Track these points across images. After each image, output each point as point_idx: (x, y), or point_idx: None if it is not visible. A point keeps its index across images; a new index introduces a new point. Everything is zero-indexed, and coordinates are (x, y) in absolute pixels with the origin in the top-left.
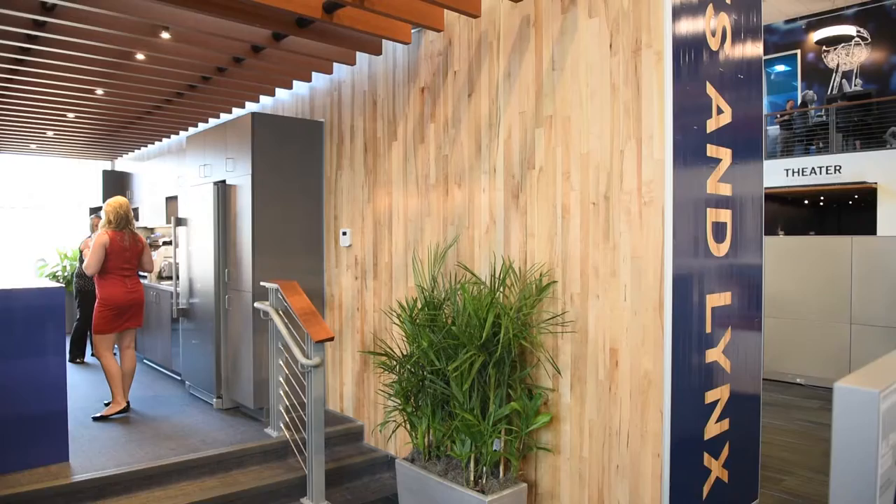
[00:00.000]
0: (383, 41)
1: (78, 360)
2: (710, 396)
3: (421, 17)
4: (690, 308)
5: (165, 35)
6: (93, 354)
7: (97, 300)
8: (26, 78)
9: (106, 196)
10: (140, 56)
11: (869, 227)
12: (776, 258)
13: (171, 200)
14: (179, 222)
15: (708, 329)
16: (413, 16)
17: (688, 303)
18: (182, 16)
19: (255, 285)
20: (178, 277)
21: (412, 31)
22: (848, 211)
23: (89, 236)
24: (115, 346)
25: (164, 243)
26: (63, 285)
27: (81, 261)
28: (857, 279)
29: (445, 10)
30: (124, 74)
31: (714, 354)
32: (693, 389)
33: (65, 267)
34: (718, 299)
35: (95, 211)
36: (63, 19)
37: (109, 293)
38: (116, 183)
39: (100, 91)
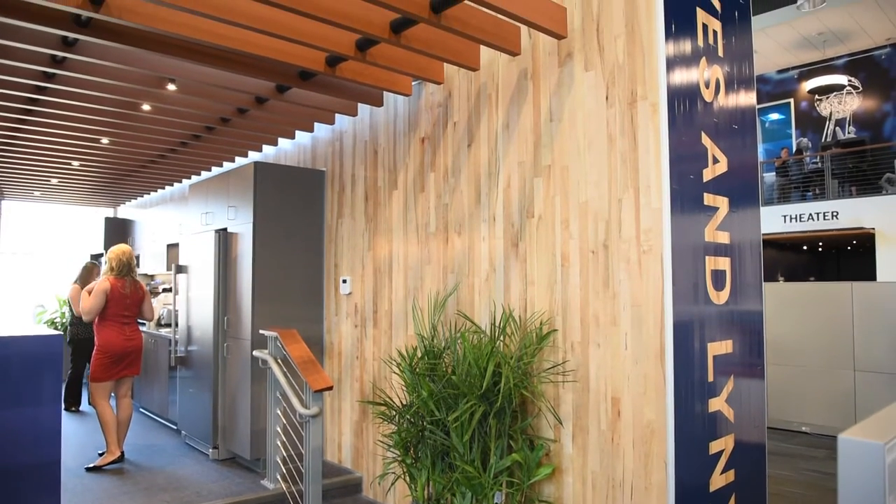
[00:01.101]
0: (384, 93)
1: (73, 409)
2: (715, 447)
3: (421, 70)
4: (692, 356)
5: (171, 87)
6: (90, 402)
7: (95, 347)
8: (34, 127)
9: (108, 243)
10: (146, 107)
11: (868, 272)
12: (777, 305)
13: (173, 248)
14: (180, 269)
15: (710, 378)
16: (413, 69)
17: (689, 351)
18: (188, 68)
19: (254, 333)
20: (177, 325)
21: (413, 83)
22: (847, 256)
23: (75, 282)
24: (112, 394)
25: (164, 290)
26: (61, 332)
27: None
28: (858, 325)
29: (445, 64)
30: (130, 124)
31: (717, 403)
32: (697, 440)
33: (63, 313)
34: (720, 347)
35: (96, 258)
36: (72, 71)
37: (107, 340)
38: (118, 230)
39: (105, 140)
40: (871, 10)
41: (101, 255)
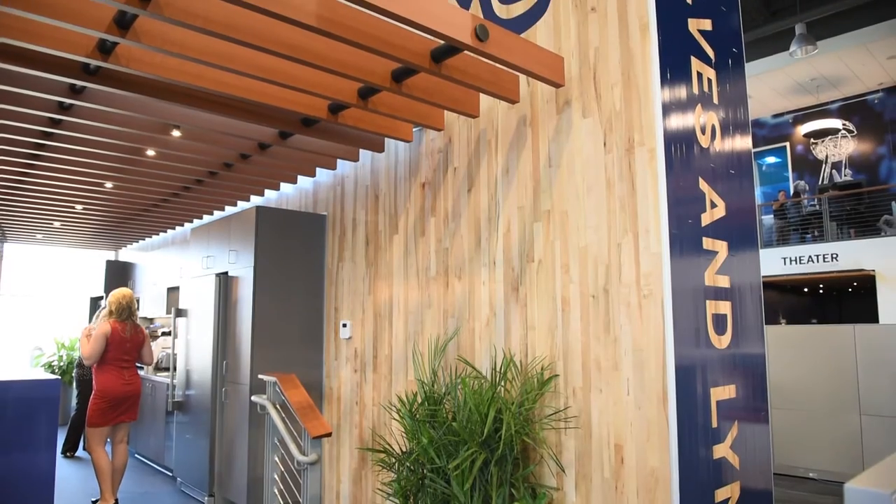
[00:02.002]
0: (386, 139)
1: (68, 454)
2: (721, 494)
3: (422, 117)
4: (695, 402)
5: (176, 133)
6: (85, 448)
7: (93, 391)
8: (39, 171)
9: (108, 286)
10: (150, 152)
11: (870, 314)
12: (779, 348)
13: (173, 291)
14: (180, 313)
15: (714, 423)
16: (414, 116)
17: (692, 396)
18: (193, 115)
19: (252, 378)
20: (175, 369)
21: (413, 129)
22: (848, 298)
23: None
24: (108, 439)
25: (164, 334)
26: (59, 377)
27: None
28: (862, 368)
29: (445, 111)
30: (134, 169)
31: (722, 450)
32: (702, 487)
33: (61, 357)
34: (723, 392)
35: (97, 301)
36: (79, 117)
37: (105, 384)
38: (119, 273)
39: (109, 184)
40: (862, 56)
41: (102, 297)
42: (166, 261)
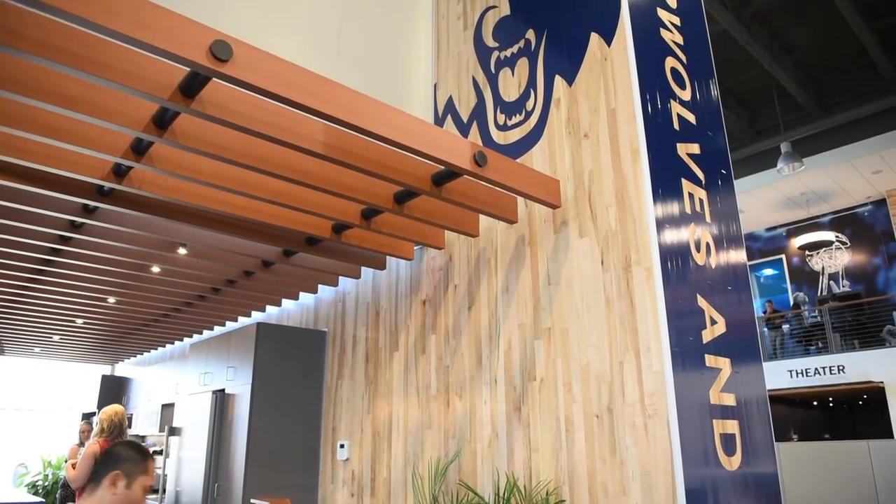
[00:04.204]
0: (387, 257)
1: None
2: None
3: (423, 236)
4: None
5: (182, 250)
6: None
7: None
8: (43, 286)
9: (102, 401)
10: (155, 268)
11: (884, 426)
12: (792, 465)
13: (168, 408)
14: (173, 431)
15: None
16: (415, 235)
17: None
18: (200, 234)
19: (245, 502)
20: (164, 491)
21: (415, 247)
22: (859, 410)
23: (77, 444)
24: None
25: (155, 452)
26: (42, 499)
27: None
28: (881, 485)
29: (446, 230)
30: (138, 284)
31: None
32: None
33: (46, 476)
34: None
35: (88, 417)
36: (88, 235)
37: None
38: (114, 388)
39: (112, 299)
40: (848, 172)
41: (94, 414)
42: (163, 376)
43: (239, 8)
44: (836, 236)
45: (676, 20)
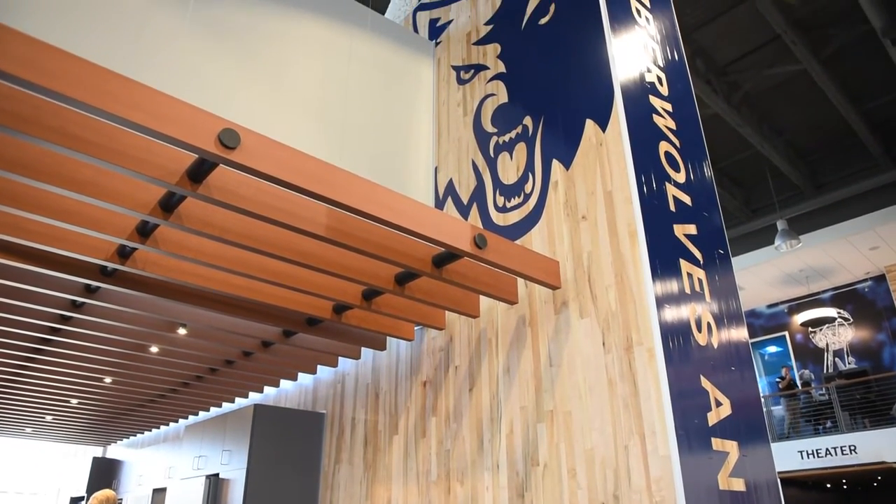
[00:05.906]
0: (387, 337)
1: None
2: None
3: (423, 317)
4: None
5: (182, 331)
6: None
7: None
8: (40, 366)
9: (92, 484)
10: (154, 349)
11: None
12: None
13: (159, 493)
14: None
15: None
16: (416, 316)
17: None
18: (200, 314)
19: None
20: None
21: (415, 328)
22: (874, 492)
23: None
24: None
25: None
26: None
27: None
28: None
29: (446, 311)
30: (135, 364)
31: None
32: None
33: None
34: None
35: (77, 502)
36: (89, 315)
37: None
38: (105, 471)
39: (108, 379)
40: (845, 248)
41: (83, 498)
42: (156, 459)
43: (249, 98)
44: (839, 312)
45: (668, 106)
